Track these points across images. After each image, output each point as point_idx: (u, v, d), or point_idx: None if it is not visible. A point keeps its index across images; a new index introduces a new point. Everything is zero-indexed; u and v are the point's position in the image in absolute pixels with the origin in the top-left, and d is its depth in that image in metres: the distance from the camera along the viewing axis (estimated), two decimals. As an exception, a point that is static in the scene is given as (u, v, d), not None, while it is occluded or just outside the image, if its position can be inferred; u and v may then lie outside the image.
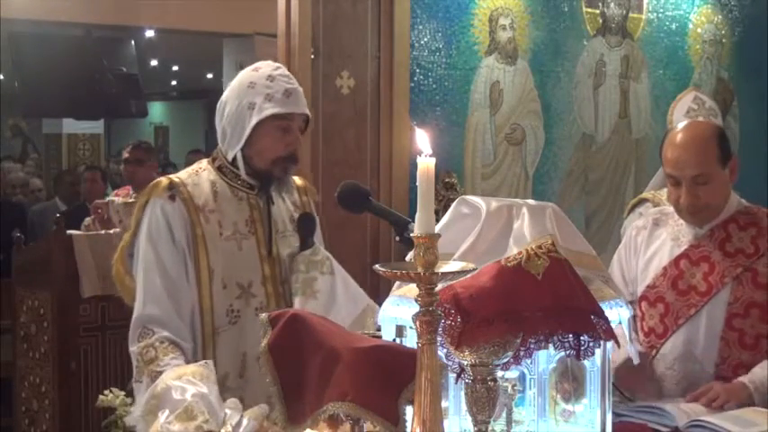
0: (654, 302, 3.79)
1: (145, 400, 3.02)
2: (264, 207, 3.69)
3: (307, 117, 3.72)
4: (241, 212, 3.65)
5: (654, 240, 3.92)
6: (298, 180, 3.89)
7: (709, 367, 3.59)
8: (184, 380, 2.86)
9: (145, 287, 3.53)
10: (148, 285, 3.53)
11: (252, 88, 3.61)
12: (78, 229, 7.00)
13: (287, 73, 3.69)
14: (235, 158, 3.65)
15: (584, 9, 7.16)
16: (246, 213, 3.66)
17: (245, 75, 3.69)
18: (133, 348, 3.47)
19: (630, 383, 3.55)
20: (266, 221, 3.67)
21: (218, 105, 3.72)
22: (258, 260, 3.64)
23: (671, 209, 3.90)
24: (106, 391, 3.50)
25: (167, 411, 2.78)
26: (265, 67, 3.70)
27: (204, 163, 3.77)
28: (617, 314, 2.78)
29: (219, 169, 3.69)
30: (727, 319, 3.66)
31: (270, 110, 3.56)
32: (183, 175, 3.71)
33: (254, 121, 3.57)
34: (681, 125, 3.83)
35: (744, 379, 3.49)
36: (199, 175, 3.69)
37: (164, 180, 3.65)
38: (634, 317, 3.80)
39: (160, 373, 3.25)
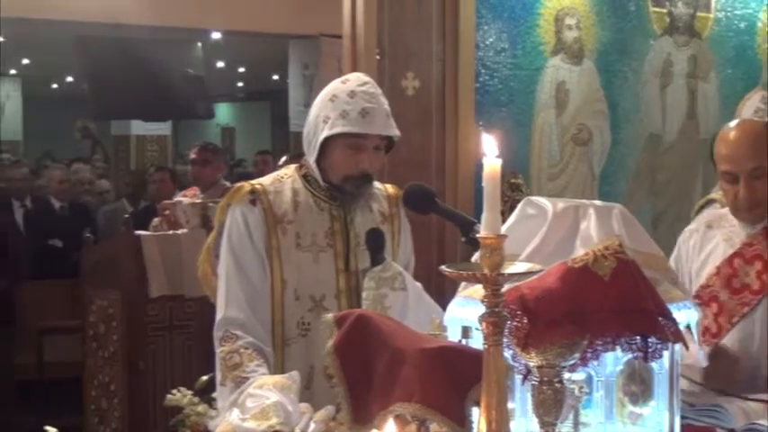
0: (707, 302, 3.77)
1: (228, 406, 3.06)
2: (344, 219, 3.68)
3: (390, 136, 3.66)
4: (321, 224, 3.64)
5: (707, 243, 3.90)
6: (390, 188, 3.85)
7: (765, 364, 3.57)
8: (265, 389, 2.89)
9: (227, 291, 3.56)
10: (230, 290, 3.55)
11: (332, 101, 3.57)
12: (146, 229, 7.08)
13: (372, 90, 3.62)
14: None
15: (651, 8, 7.10)
16: (327, 225, 3.64)
17: (332, 85, 3.65)
18: (217, 351, 3.50)
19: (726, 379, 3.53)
20: (345, 234, 3.67)
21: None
22: (334, 273, 3.63)
23: (724, 211, 3.88)
24: (174, 391, 3.54)
25: (240, 410, 2.82)
26: (353, 80, 3.65)
27: (291, 169, 3.76)
28: (685, 316, 2.76)
29: (305, 177, 3.69)
30: None
31: (339, 128, 3.53)
32: (266, 181, 3.70)
33: (321, 136, 3.56)
34: (731, 124, 3.82)
35: None
36: (282, 182, 3.68)
37: (246, 185, 3.65)
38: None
39: (245, 379, 3.29)
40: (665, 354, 2.61)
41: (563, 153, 6.72)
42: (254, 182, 3.70)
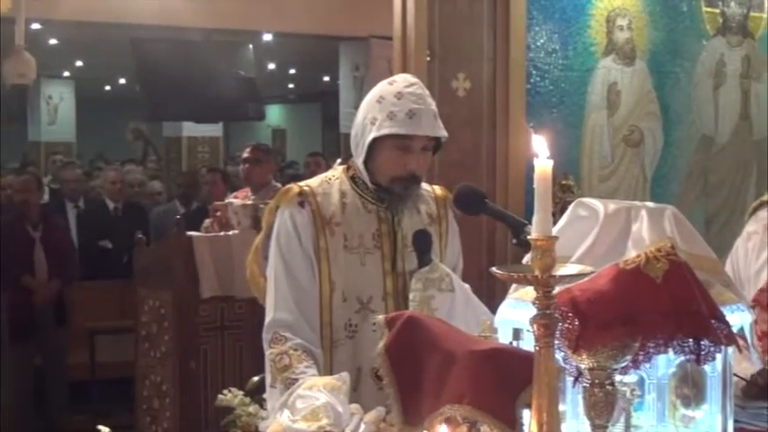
0: None
1: (278, 407, 3.07)
2: (392, 221, 3.66)
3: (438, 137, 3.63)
4: (369, 225, 3.62)
5: (766, 246, 3.85)
6: (438, 190, 3.82)
7: None
8: (315, 390, 2.90)
9: (276, 293, 3.56)
10: (279, 292, 3.56)
11: (379, 103, 3.56)
12: (198, 230, 7.11)
13: (419, 91, 3.58)
14: None
15: (704, 8, 7.04)
16: (374, 227, 3.62)
17: (380, 87, 3.64)
18: (267, 353, 3.51)
19: None
20: (392, 236, 3.65)
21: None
22: (381, 275, 3.60)
23: None
24: (225, 391, 3.56)
25: (290, 411, 2.83)
26: (400, 82, 3.62)
27: (339, 171, 3.75)
28: (738, 319, 2.74)
29: (353, 179, 3.69)
30: None
31: (387, 129, 3.51)
32: (314, 182, 3.70)
33: (369, 138, 3.54)
34: None
35: None
36: (330, 184, 3.67)
37: (294, 187, 3.65)
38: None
39: (295, 380, 3.29)
40: (718, 356, 2.59)
41: (614, 154, 6.69)
42: (302, 183, 3.70)
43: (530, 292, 2.35)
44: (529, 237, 2.23)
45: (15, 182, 9.41)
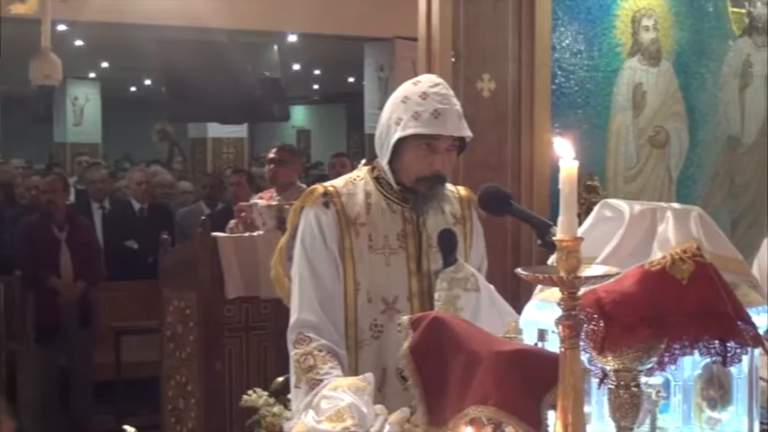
0: None
1: (303, 408, 3.07)
2: (417, 221, 3.65)
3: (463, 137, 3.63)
4: (394, 226, 3.62)
5: None
6: (462, 190, 3.82)
7: None
8: (339, 390, 2.91)
9: (300, 294, 3.57)
10: (303, 292, 3.56)
11: (404, 103, 3.56)
12: (223, 231, 7.13)
13: (444, 92, 3.58)
14: None
15: (730, 9, 7.00)
16: (399, 227, 3.62)
17: (404, 87, 3.64)
18: (291, 354, 3.52)
19: None
20: (417, 236, 3.65)
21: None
22: (406, 275, 3.60)
23: None
24: (250, 391, 3.56)
25: (314, 411, 2.84)
26: (425, 82, 3.63)
27: (363, 171, 3.75)
28: (765, 320, 2.73)
29: (377, 179, 3.69)
30: None
31: (412, 129, 3.51)
32: (339, 183, 3.70)
33: (394, 138, 3.54)
34: None
35: None
36: (355, 184, 3.68)
37: (319, 188, 3.66)
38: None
39: (319, 381, 3.29)
40: (744, 358, 2.58)
41: (639, 155, 6.66)
42: (326, 184, 3.71)
43: (555, 293, 2.34)
44: (554, 238, 2.22)
45: (41, 182, 9.46)
